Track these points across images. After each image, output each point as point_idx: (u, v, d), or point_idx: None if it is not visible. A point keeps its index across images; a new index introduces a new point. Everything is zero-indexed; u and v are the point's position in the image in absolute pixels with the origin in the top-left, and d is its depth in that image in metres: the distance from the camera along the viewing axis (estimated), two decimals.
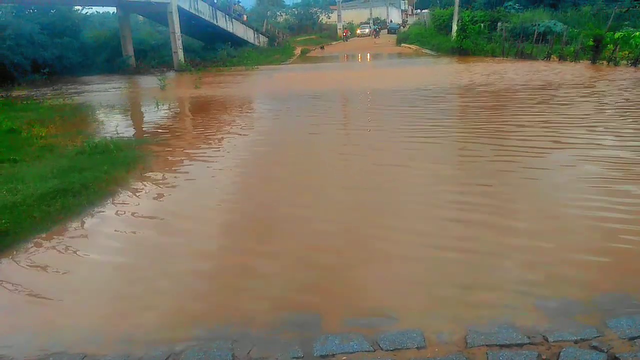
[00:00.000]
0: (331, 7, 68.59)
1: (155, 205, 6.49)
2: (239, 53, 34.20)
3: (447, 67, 25.17)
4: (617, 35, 23.16)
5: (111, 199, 6.58)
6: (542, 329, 3.38)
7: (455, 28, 33.72)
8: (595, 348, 3.17)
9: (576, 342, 3.23)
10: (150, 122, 13.60)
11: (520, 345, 3.24)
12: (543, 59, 25.39)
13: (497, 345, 3.25)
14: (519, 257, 4.51)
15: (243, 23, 38.34)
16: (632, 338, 3.24)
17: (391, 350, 3.27)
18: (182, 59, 30.62)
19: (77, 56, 29.48)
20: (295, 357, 3.27)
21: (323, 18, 67.46)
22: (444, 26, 38.96)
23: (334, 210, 6.01)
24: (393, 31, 61.55)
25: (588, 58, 22.89)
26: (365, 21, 71.87)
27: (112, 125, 12.44)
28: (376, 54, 39.01)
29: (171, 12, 29.82)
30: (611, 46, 22.02)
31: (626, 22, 27.56)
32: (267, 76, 25.70)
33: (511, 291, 3.95)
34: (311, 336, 3.46)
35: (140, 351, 3.40)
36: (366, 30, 63.76)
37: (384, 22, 72.01)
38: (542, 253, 4.57)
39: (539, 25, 28.95)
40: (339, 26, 59.19)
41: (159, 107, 14.92)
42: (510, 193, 6.30)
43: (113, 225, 5.77)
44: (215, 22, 34.15)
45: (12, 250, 5.10)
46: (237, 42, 36.18)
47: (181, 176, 7.69)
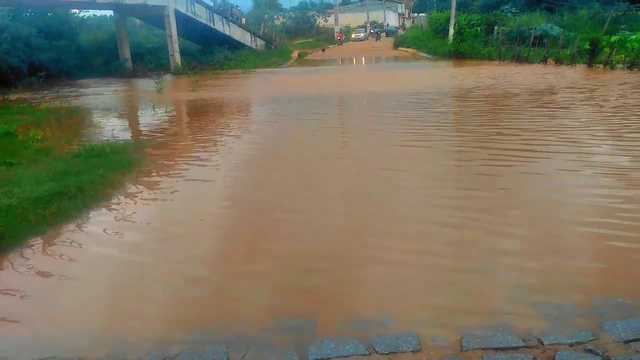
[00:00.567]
0: (328, 11, 68.69)
1: (150, 209, 6.48)
2: (236, 56, 34.15)
3: (444, 71, 25.22)
4: (614, 38, 23.22)
5: (107, 203, 6.56)
6: (537, 332, 3.38)
7: (452, 32, 33.76)
8: (590, 351, 3.17)
9: (571, 346, 3.23)
10: (146, 125, 13.58)
11: (515, 348, 3.24)
12: (540, 63, 25.46)
13: (492, 348, 3.24)
14: (514, 262, 4.51)
15: (240, 26, 38.31)
16: (627, 341, 3.24)
17: (386, 353, 3.27)
18: (179, 62, 30.57)
19: (74, 59, 29.38)
20: None
21: (320, 21, 67.53)
22: (441, 30, 39.00)
23: (328, 214, 6.02)
24: (391, 34, 62.58)
25: (584, 61, 22.97)
26: (362, 24, 72.03)
27: (109, 128, 12.43)
28: (373, 58, 39.03)
29: (168, 15, 29.80)
30: (607, 50, 22.11)
31: (622, 26, 27.64)
32: (264, 79, 25.69)
33: (506, 294, 3.95)
34: (306, 340, 3.46)
35: (134, 355, 3.39)
36: (361, 34, 63.85)
37: (381, 26, 72.15)
38: (537, 258, 4.57)
39: (536, 28, 29.01)
40: (336, 30, 59.28)
41: (156, 110, 14.89)
42: (505, 198, 6.31)
43: (108, 229, 5.75)
44: (212, 25, 34.12)
45: (7, 253, 5.08)
46: (234, 45, 36.15)
47: (177, 180, 7.67)
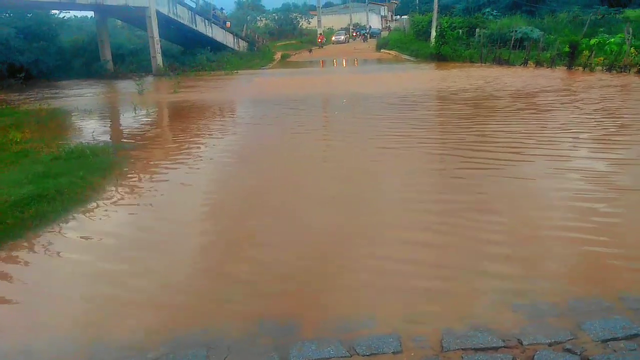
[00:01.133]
0: (311, 13, 68.77)
1: (130, 213, 6.40)
2: (219, 58, 33.98)
3: (425, 73, 25.38)
4: (593, 41, 23.59)
5: (86, 206, 6.47)
6: (517, 332, 3.40)
7: (434, 34, 33.97)
8: (568, 350, 3.20)
9: (550, 345, 3.26)
10: (127, 127, 13.46)
11: (495, 348, 3.26)
12: (520, 65, 25.71)
13: (472, 348, 3.26)
14: (493, 264, 4.53)
15: (223, 28, 38.16)
16: (605, 340, 3.28)
17: (368, 355, 3.27)
18: (161, 64, 30.35)
19: (54, 60, 29.05)
20: None
21: (303, 23, 67.56)
22: (423, 32, 39.23)
23: (308, 218, 6.02)
24: (374, 36, 63.10)
25: (564, 64, 23.25)
26: (345, 27, 72.24)
27: (89, 130, 12.28)
28: (355, 60, 39.13)
29: (150, 17, 29.57)
30: (587, 52, 22.39)
31: (601, 29, 28.05)
32: (247, 81, 25.64)
33: (486, 296, 3.97)
34: (288, 342, 3.44)
35: None
36: (341, 37, 63.99)
37: (364, 28, 72.39)
38: (516, 260, 4.61)
39: (517, 31, 29.33)
40: (319, 32, 59.36)
41: (137, 112, 14.76)
42: (484, 202, 6.35)
43: (87, 232, 5.68)
44: (194, 27, 33.92)
45: None
46: (217, 47, 35.97)
47: (158, 183, 7.61)
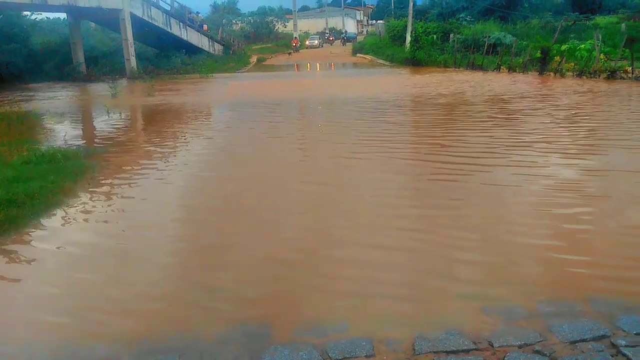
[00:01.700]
0: (287, 16, 68.83)
1: (101, 218, 6.28)
2: (194, 61, 33.83)
3: (399, 78, 25.55)
4: (564, 47, 24.04)
5: (57, 210, 6.36)
6: (488, 335, 3.44)
7: (409, 39, 34.31)
8: (538, 352, 3.24)
9: (520, 347, 3.30)
10: (100, 131, 13.28)
11: (466, 351, 3.29)
12: (493, 70, 26.09)
13: (444, 351, 3.28)
14: (465, 269, 4.57)
15: (198, 31, 37.99)
16: (574, 342, 3.33)
17: (340, 359, 3.27)
18: (135, 67, 30.07)
19: (26, 63, 28.59)
20: None
21: (279, 27, 67.63)
22: (398, 37, 39.60)
23: (281, 224, 6.01)
24: (350, 40, 64.15)
25: (536, 69, 23.66)
26: (321, 31, 72.49)
27: (61, 134, 12.11)
28: (331, 64, 39.24)
29: (124, 19, 29.29)
30: (558, 58, 22.82)
31: (572, 35, 28.66)
32: (222, 84, 25.55)
33: (457, 300, 4.00)
34: (260, 347, 3.43)
35: None
36: (315, 41, 64.30)
37: (340, 32, 72.70)
38: (487, 265, 4.65)
39: (490, 37, 29.75)
40: (295, 35, 59.50)
41: (110, 116, 14.58)
42: (458, 208, 6.41)
43: (57, 237, 5.59)
44: (169, 30, 33.73)
45: None
46: (192, 50, 35.81)
47: (130, 187, 7.52)
